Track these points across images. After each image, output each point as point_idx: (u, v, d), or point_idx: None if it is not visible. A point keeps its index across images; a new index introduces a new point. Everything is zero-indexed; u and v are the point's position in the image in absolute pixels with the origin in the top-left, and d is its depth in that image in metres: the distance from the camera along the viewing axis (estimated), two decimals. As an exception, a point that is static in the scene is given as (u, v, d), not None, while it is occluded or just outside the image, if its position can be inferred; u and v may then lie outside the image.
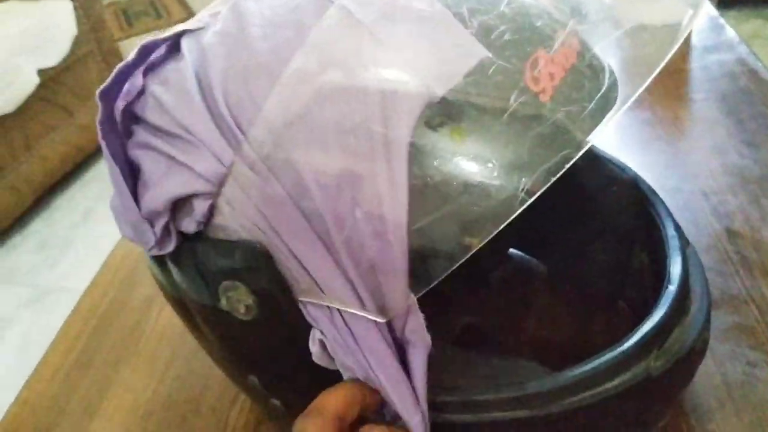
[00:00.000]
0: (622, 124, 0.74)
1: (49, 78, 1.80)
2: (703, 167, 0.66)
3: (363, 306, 0.31)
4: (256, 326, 0.35)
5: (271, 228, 0.32)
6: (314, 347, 0.34)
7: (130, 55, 0.35)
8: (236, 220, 0.32)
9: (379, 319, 0.31)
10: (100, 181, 1.95)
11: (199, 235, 0.34)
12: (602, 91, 0.33)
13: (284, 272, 0.32)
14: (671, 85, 0.80)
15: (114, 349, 0.59)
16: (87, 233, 1.76)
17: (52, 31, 1.80)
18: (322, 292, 0.32)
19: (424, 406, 0.34)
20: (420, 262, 0.31)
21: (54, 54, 1.79)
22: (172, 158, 0.33)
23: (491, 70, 0.30)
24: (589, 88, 0.33)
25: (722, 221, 0.59)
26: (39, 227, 1.82)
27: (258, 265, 0.32)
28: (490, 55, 0.30)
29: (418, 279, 0.31)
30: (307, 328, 0.34)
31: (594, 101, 0.33)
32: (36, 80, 1.73)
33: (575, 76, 0.33)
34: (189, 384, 0.54)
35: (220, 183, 0.32)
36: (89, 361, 0.58)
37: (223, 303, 0.35)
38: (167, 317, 0.61)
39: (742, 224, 0.58)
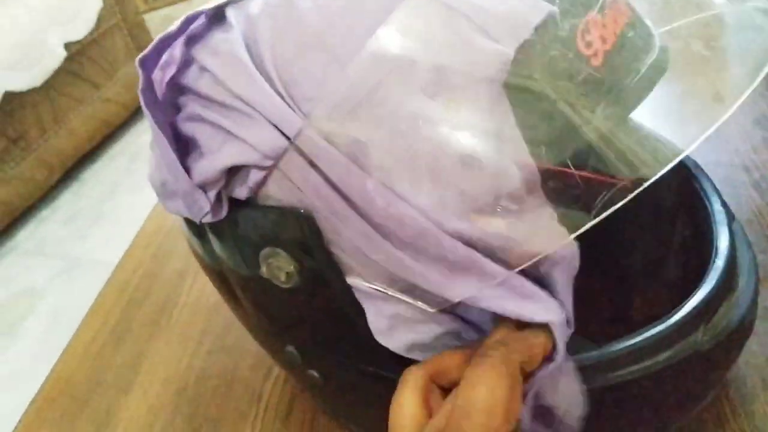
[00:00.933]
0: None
1: (76, 52, 1.80)
2: (744, 141, 0.64)
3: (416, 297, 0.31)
4: (295, 295, 0.34)
5: (325, 206, 0.31)
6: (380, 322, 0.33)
7: (173, 25, 0.34)
8: (290, 192, 0.32)
9: (430, 309, 0.31)
10: (127, 154, 1.96)
11: (249, 202, 0.34)
12: (654, 56, 0.32)
13: (333, 250, 0.32)
14: (711, 56, 0.77)
15: (147, 323, 0.59)
16: (115, 206, 1.77)
17: (77, 5, 1.80)
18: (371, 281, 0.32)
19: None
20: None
21: (80, 27, 1.79)
22: (227, 131, 0.32)
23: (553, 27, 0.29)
24: (640, 54, 0.32)
25: (764, 196, 0.57)
26: (68, 200, 1.84)
27: (305, 235, 0.32)
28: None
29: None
30: (350, 299, 0.33)
31: (646, 68, 0.32)
32: (63, 54, 1.73)
33: (626, 41, 0.32)
34: (222, 358, 0.54)
35: (278, 156, 0.31)
36: (122, 336, 0.59)
37: (264, 270, 0.34)
38: (199, 291, 0.61)
39: (786, 199, 0.56)
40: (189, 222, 0.39)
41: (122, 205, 1.76)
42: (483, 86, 0.29)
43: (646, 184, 0.29)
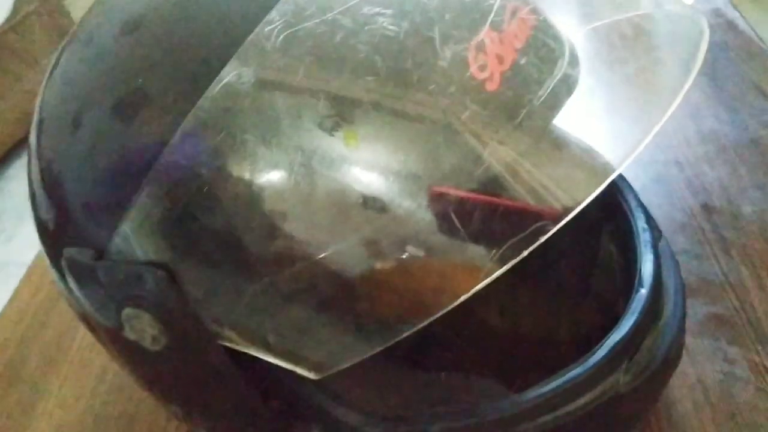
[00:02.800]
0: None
1: (-8, 41, 1.69)
2: (678, 134, 0.61)
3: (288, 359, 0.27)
4: (165, 358, 0.30)
5: (177, 254, 0.27)
6: None
7: None
8: (139, 243, 0.28)
9: (311, 376, 0.27)
10: (56, 148, 1.87)
11: (100, 256, 0.29)
12: (564, 69, 0.29)
13: (201, 312, 0.28)
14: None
15: (43, 359, 0.54)
16: (42, 206, 1.69)
17: (-10, -9, 1.69)
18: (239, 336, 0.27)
19: None
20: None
21: (-5, 15, 1.68)
22: None
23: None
24: (546, 68, 0.28)
25: (698, 196, 0.54)
26: (-7, 199, 1.75)
27: (161, 292, 0.28)
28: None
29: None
30: (225, 363, 0.29)
31: (550, 87, 0.28)
32: (-22, 45, 1.63)
33: (528, 57, 0.28)
34: (122, 398, 0.49)
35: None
36: (17, 373, 0.53)
37: (127, 331, 0.30)
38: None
39: (720, 198, 0.54)
40: (49, 257, 0.34)
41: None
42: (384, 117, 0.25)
43: (565, 220, 0.26)
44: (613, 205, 0.41)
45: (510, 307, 0.48)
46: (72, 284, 0.32)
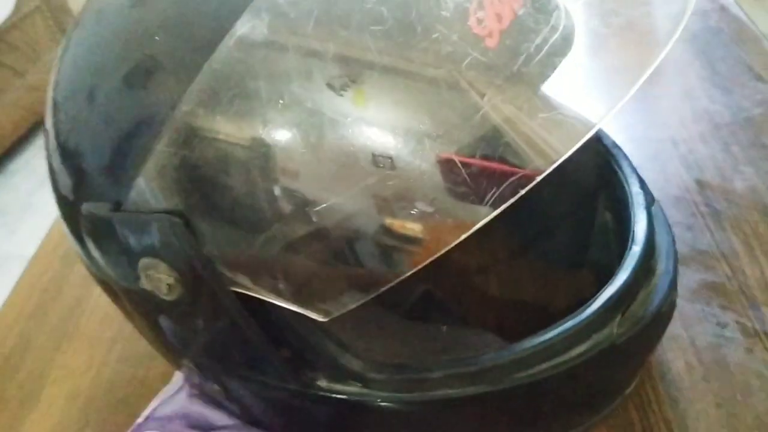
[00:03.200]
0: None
1: (-5, 37, 1.71)
2: (673, 114, 0.63)
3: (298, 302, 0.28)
4: (180, 307, 0.31)
5: (192, 202, 0.28)
6: None
7: None
8: (156, 191, 0.29)
9: (319, 319, 0.28)
10: (58, 144, 1.88)
11: (117, 208, 0.31)
12: (558, 34, 0.30)
13: (215, 259, 0.29)
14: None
15: (54, 331, 0.55)
16: (45, 199, 1.69)
17: (-7, -12, 1.71)
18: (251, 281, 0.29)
19: None
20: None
21: (-2, 12, 1.70)
22: None
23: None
24: (542, 34, 0.30)
25: (692, 171, 0.56)
26: (-4, 193, 1.76)
27: (176, 238, 0.29)
28: None
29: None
30: (238, 309, 0.30)
31: (548, 45, 0.29)
32: (-19, 41, 1.65)
33: (525, 19, 0.29)
34: (131, 366, 0.50)
35: None
36: (28, 345, 0.55)
37: (144, 282, 0.31)
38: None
39: (713, 174, 0.55)
40: (70, 227, 0.35)
41: (52, 198, 1.68)
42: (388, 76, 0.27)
43: (552, 167, 0.27)
44: (609, 173, 0.42)
45: (509, 278, 0.49)
46: (90, 242, 0.33)
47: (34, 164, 1.84)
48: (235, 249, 0.29)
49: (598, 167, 0.43)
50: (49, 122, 0.35)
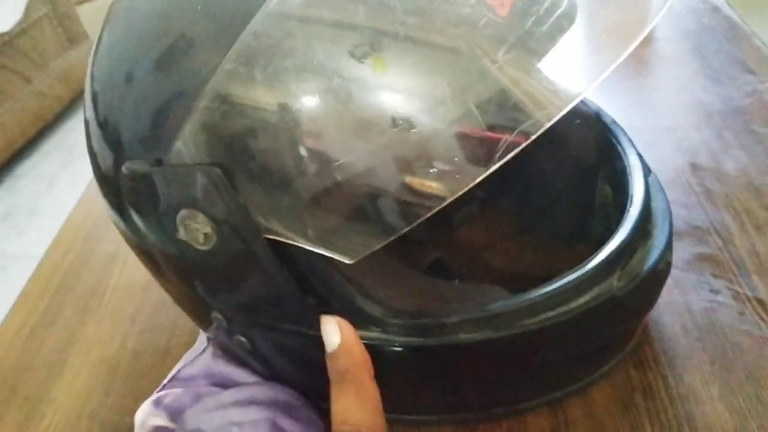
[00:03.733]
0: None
1: (3, 44, 1.74)
2: (668, 104, 0.66)
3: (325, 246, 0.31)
4: (215, 256, 0.34)
5: (229, 155, 0.31)
6: None
7: None
8: (196, 147, 0.32)
9: (346, 260, 0.31)
10: (63, 149, 1.91)
11: (159, 164, 0.33)
12: (562, 7, 0.33)
13: (246, 202, 0.32)
14: (635, 26, 0.79)
15: (78, 306, 0.58)
16: (52, 201, 1.72)
17: (3, -4, 1.74)
18: (283, 227, 0.32)
19: None
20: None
21: (7, 19, 1.73)
22: None
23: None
24: (549, 3, 0.32)
25: (686, 156, 0.59)
26: (2, 196, 1.78)
27: (215, 188, 0.32)
28: None
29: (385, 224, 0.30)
30: (269, 256, 0.33)
31: (554, 17, 0.32)
32: (-11, 47, 1.68)
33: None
34: (155, 336, 0.53)
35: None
36: (53, 319, 0.57)
37: (181, 233, 0.34)
38: (131, 272, 0.60)
39: (706, 157, 0.58)
40: (111, 201, 0.38)
41: (59, 200, 1.71)
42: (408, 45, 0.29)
43: (550, 123, 0.29)
44: (608, 149, 0.45)
45: (514, 251, 0.52)
46: (129, 204, 0.36)
47: (41, 168, 1.86)
48: (269, 198, 0.31)
49: (597, 143, 0.46)
50: (89, 112, 0.38)
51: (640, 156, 0.43)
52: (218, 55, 0.31)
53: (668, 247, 0.39)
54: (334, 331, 0.31)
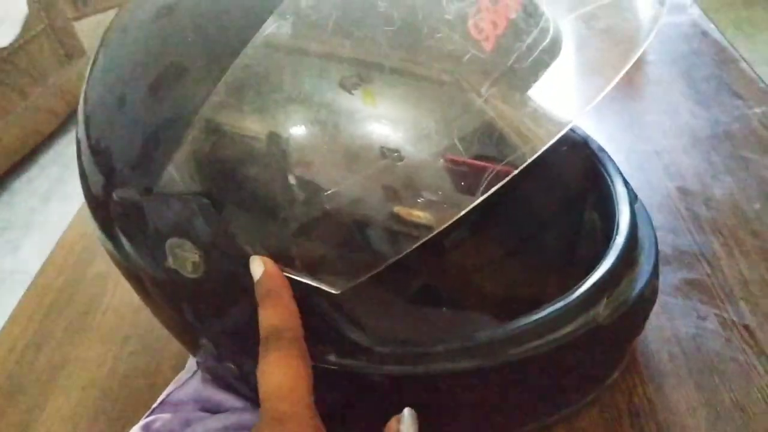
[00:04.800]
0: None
1: (1, 59, 1.74)
2: (656, 128, 0.66)
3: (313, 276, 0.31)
4: (203, 284, 0.34)
5: (217, 185, 0.32)
6: None
7: None
8: (195, 178, 0.32)
9: (333, 291, 0.31)
10: (59, 164, 1.91)
11: (149, 192, 0.34)
12: (546, 42, 0.33)
13: (234, 231, 0.32)
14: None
15: (69, 327, 0.58)
16: (48, 216, 1.73)
17: (0, 12, 1.75)
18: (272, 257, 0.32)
19: None
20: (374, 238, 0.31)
21: (5, 35, 1.73)
22: None
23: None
24: (532, 38, 0.33)
25: (674, 180, 0.59)
26: (-1, 211, 1.78)
27: (203, 218, 0.32)
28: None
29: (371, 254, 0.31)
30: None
31: (537, 51, 0.33)
32: (-13, 62, 1.68)
33: (518, 26, 0.33)
34: (145, 359, 0.53)
35: None
36: (44, 340, 0.57)
37: (170, 261, 0.34)
38: (122, 293, 0.60)
39: (694, 182, 0.59)
40: (101, 224, 0.38)
41: (55, 215, 1.71)
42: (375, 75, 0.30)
43: (536, 155, 0.30)
44: (595, 175, 0.45)
45: (502, 275, 0.52)
46: (119, 230, 0.36)
47: (37, 183, 1.87)
48: (257, 227, 0.32)
49: (585, 170, 0.46)
50: (81, 132, 0.38)
51: (626, 183, 0.44)
52: (208, 85, 0.32)
53: (654, 274, 0.40)
54: (258, 264, 0.32)
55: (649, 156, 0.63)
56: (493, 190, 0.29)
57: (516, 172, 0.29)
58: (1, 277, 1.50)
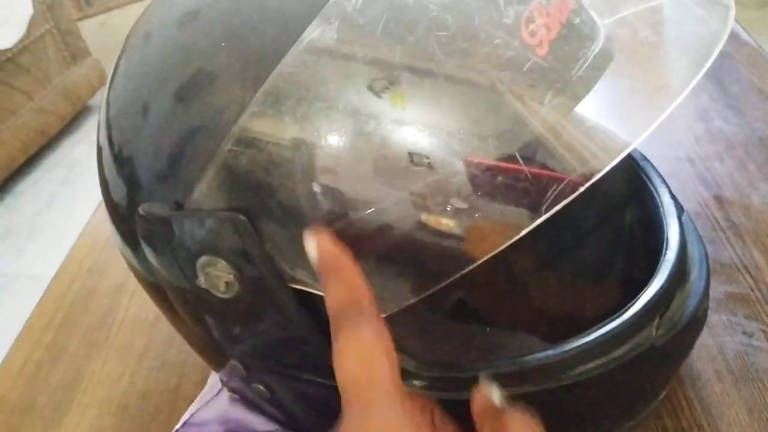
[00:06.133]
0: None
1: (6, 60, 1.72)
2: (688, 134, 0.64)
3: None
4: (236, 305, 0.32)
5: (255, 201, 0.30)
6: None
7: None
8: (226, 195, 0.30)
9: (381, 314, 0.29)
10: (64, 166, 1.89)
11: (183, 206, 0.32)
12: (600, 46, 0.31)
13: (274, 255, 0.30)
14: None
15: (84, 340, 0.56)
16: (53, 219, 1.70)
17: (5, 12, 1.73)
18: (312, 278, 0.30)
19: None
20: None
21: (10, 36, 1.72)
22: None
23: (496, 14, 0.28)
24: (586, 42, 0.31)
25: (710, 188, 0.57)
26: (2, 214, 1.76)
27: (243, 241, 0.30)
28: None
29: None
30: (294, 306, 0.31)
31: (592, 56, 0.31)
32: (-8, 64, 1.66)
33: (571, 30, 0.31)
34: (164, 374, 0.51)
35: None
36: (59, 354, 0.55)
37: (201, 281, 0.32)
38: (139, 305, 0.58)
39: (731, 190, 0.57)
40: (122, 234, 0.36)
41: (60, 218, 1.69)
42: (428, 81, 0.28)
43: (595, 178, 0.28)
44: (638, 185, 0.43)
45: (537, 288, 0.50)
46: (145, 244, 0.34)
47: (42, 185, 1.85)
48: (296, 247, 0.30)
49: (627, 180, 0.44)
50: (102, 139, 0.36)
51: (672, 195, 0.42)
52: (243, 95, 0.30)
53: (706, 292, 0.38)
54: (312, 240, 0.28)
55: (682, 163, 0.61)
56: (556, 209, 0.27)
57: (581, 189, 0.27)
58: (5, 281, 1.48)
